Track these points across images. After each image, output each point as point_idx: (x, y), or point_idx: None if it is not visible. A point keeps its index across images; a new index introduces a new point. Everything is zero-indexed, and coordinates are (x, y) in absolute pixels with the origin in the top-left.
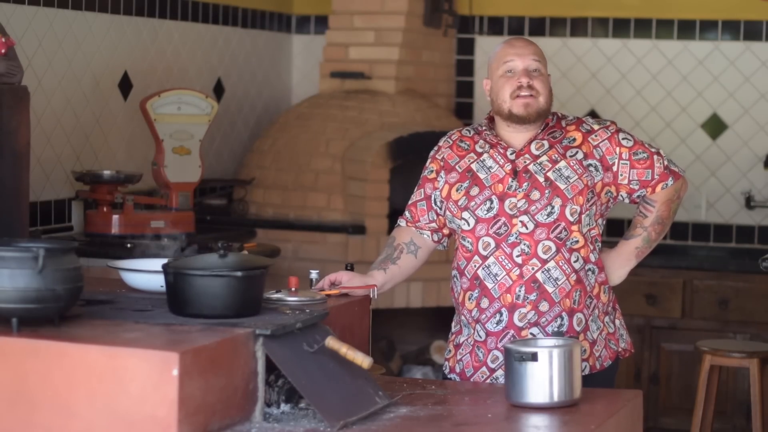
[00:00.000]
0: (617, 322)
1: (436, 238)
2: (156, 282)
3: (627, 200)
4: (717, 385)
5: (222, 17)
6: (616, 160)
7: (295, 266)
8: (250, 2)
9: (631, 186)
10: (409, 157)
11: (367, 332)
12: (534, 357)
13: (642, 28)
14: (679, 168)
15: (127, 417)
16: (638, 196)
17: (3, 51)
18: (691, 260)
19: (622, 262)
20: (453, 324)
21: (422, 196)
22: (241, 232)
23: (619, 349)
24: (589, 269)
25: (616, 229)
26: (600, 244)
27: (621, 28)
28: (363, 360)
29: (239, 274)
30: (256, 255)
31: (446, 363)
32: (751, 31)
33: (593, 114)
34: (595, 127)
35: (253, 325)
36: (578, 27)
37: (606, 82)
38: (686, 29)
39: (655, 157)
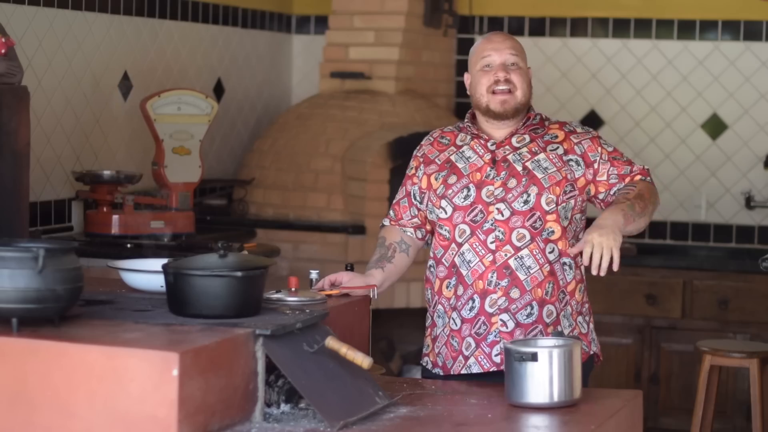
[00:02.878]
0: (591, 325)
1: (419, 235)
2: (156, 282)
3: (601, 205)
4: (717, 385)
5: (222, 17)
6: (598, 158)
7: (295, 266)
8: (250, 2)
9: (609, 181)
10: (409, 158)
11: (367, 332)
12: (534, 357)
13: (642, 28)
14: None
15: (127, 417)
16: (616, 191)
17: (3, 51)
18: (691, 260)
19: (613, 211)
20: (426, 318)
21: (404, 193)
22: (241, 232)
23: (591, 352)
24: (565, 263)
25: None
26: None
27: (621, 28)
28: (363, 360)
29: (239, 274)
30: (256, 255)
31: (426, 359)
32: (751, 31)
33: (593, 114)
34: (578, 129)
35: (253, 325)
36: (578, 27)
37: (606, 82)
38: (686, 29)
39: (636, 165)
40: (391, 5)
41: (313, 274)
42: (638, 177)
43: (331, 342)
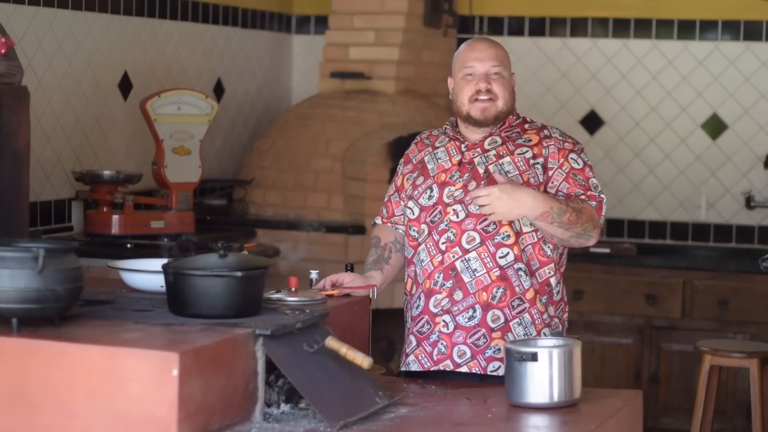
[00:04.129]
0: None
1: None
2: (156, 282)
3: None
4: (717, 385)
5: (222, 17)
6: (555, 167)
7: (295, 266)
8: (250, 2)
9: (557, 196)
10: None
11: (367, 332)
12: (534, 357)
13: (642, 28)
14: (600, 229)
15: (127, 417)
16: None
17: (3, 51)
18: (691, 260)
19: (543, 199)
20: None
21: (394, 189)
22: (241, 232)
23: None
24: (520, 269)
25: (616, 230)
26: (550, 250)
27: (621, 28)
28: (363, 360)
29: (239, 274)
30: (256, 255)
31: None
32: (751, 31)
33: (593, 114)
34: (555, 135)
35: (253, 325)
36: (578, 27)
37: (606, 82)
38: (686, 29)
39: (593, 191)
40: (391, 5)
41: (313, 274)
42: (583, 198)
43: (331, 342)
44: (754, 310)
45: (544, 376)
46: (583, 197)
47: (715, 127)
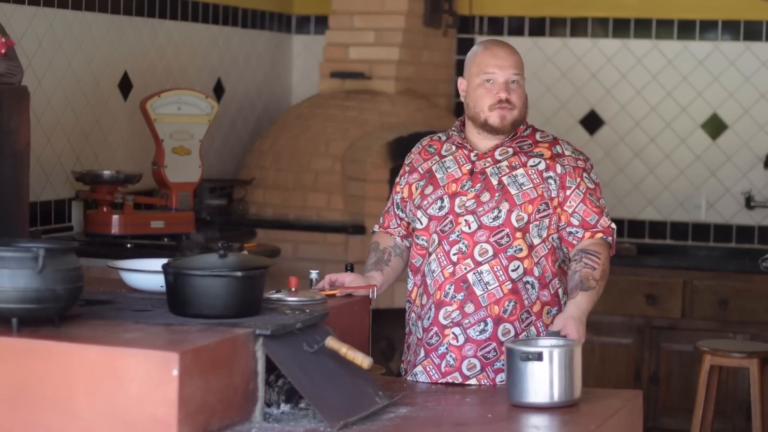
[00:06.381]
0: None
1: (407, 243)
2: (156, 282)
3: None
4: (717, 385)
5: (222, 17)
6: (574, 186)
7: (295, 266)
8: (250, 2)
9: (571, 219)
10: None
11: (367, 332)
12: (539, 356)
13: (642, 28)
14: (614, 250)
15: (127, 417)
16: (569, 233)
17: (3, 51)
18: (691, 260)
19: (588, 303)
20: (405, 326)
21: (391, 202)
22: (241, 232)
23: None
24: (528, 282)
25: (617, 230)
26: (559, 262)
27: (621, 28)
28: (363, 360)
29: (239, 274)
30: (256, 255)
31: (401, 366)
32: (751, 31)
33: (593, 114)
34: (567, 152)
35: (253, 325)
36: (578, 27)
37: (606, 82)
38: (686, 29)
39: (605, 217)
40: (391, 5)
41: (313, 274)
42: (599, 235)
43: (331, 342)
44: (754, 310)
45: (544, 376)
46: (599, 234)
47: (715, 127)
